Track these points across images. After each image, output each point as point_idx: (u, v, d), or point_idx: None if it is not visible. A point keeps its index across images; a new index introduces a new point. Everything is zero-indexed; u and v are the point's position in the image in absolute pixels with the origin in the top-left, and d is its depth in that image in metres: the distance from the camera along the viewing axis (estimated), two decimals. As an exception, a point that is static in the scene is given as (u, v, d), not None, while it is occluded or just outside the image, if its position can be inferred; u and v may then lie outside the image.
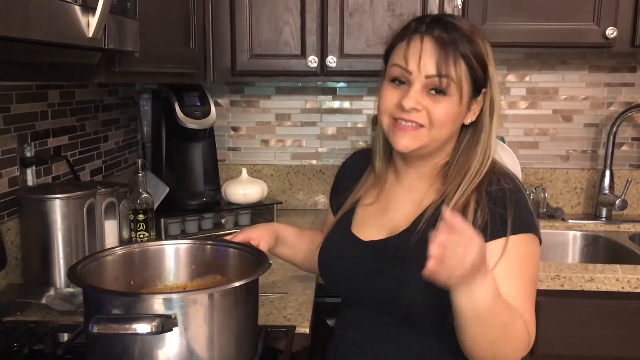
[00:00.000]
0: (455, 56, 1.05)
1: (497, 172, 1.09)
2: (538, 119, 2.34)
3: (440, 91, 1.05)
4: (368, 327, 1.16)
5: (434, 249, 0.82)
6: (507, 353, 0.99)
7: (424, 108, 1.06)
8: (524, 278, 1.03)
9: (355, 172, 1.27)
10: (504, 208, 1.03)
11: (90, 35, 0.90)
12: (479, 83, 1.08)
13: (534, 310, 1.04)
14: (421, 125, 1.07)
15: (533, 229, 1.06)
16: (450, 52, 1.05)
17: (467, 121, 1.10)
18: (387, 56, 1.14)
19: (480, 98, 1.10)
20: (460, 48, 1.05)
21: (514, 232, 1.02)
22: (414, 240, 1.07)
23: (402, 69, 1.07)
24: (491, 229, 1.02)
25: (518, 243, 1.03)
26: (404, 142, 1.08)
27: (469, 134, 1.11)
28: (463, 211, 1.04)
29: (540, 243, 1.09)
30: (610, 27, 1.89)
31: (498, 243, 1.02)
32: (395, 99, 1.08)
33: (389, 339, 1.13)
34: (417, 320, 1.09)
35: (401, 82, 1.08)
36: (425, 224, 1.07)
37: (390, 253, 1.11)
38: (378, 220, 1.18)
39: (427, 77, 1.05)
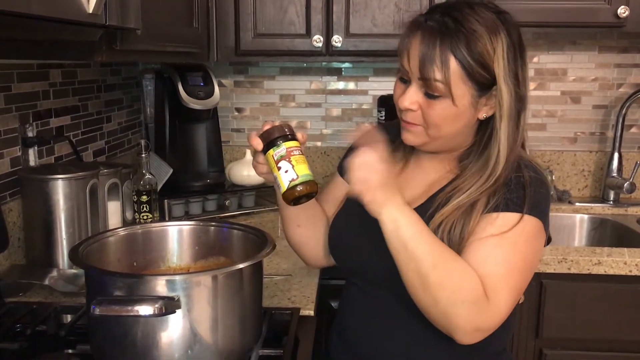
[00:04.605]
0: (443, 56, 0.99)
1: (521, 162, 1.06)
2: (546, 100, 2.31)
3: (431, 94, 1.02)
4: (374, 307, 1.15)
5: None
6: (445, 304, 0.95)
7: (419, 108, 1.04)
8: (515, 253, 0.99)
9: None
10: (523, 190, 1.02)
11: (91, 11, 0.87)
12: (486, 82, 1.01)
13: (515, 291, 0.99)
14: (418, 124, 1.06)
15: (544, 219, 1.04)
16: (435, 53, 0.99)
17: (482, 116, 1.06)
18: None
19: (493, 94, 1.03)
20: (450, 47, 0.98)
21: (525, 212, 1.01)
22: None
23: (402, 66, 1.06)
24: (505, 203, 1.01)
25: (523, 222, 1.00)
26: (408, 137, 1.10)
27: (489, 129, 1.06)
28: (471, 205, 1.02)
29: (549, 241, 1.07)
30: (622, 6, 1.85)
31: (508, 216, 1.00)
32: (399, 95, 1.07)
33: (394, 319, 1.12)
34: None
35: (405, 79, 1.06)
36: (433, 209, 1.06)
37: None
38: None
39: (419, 78, 1.02)
